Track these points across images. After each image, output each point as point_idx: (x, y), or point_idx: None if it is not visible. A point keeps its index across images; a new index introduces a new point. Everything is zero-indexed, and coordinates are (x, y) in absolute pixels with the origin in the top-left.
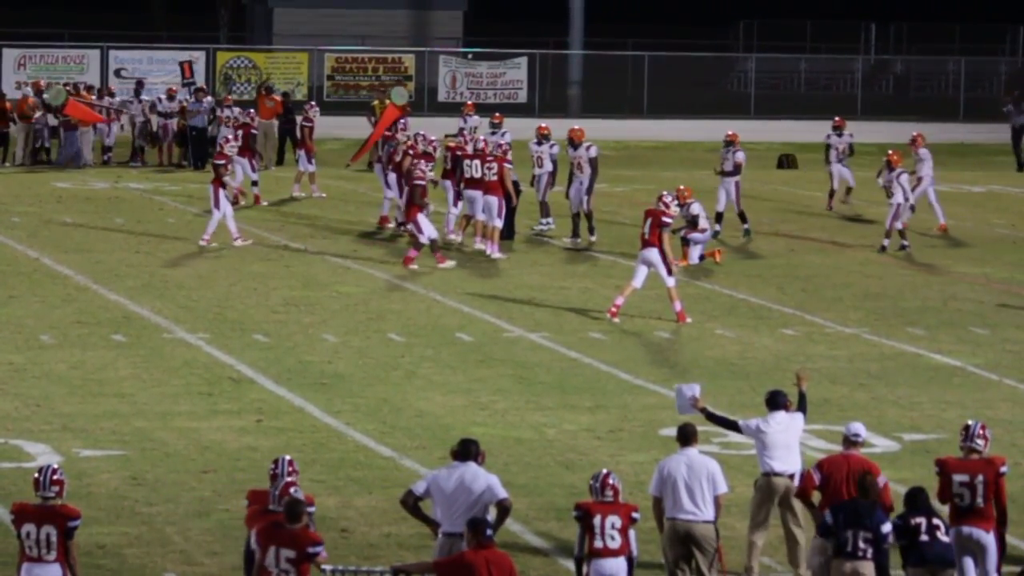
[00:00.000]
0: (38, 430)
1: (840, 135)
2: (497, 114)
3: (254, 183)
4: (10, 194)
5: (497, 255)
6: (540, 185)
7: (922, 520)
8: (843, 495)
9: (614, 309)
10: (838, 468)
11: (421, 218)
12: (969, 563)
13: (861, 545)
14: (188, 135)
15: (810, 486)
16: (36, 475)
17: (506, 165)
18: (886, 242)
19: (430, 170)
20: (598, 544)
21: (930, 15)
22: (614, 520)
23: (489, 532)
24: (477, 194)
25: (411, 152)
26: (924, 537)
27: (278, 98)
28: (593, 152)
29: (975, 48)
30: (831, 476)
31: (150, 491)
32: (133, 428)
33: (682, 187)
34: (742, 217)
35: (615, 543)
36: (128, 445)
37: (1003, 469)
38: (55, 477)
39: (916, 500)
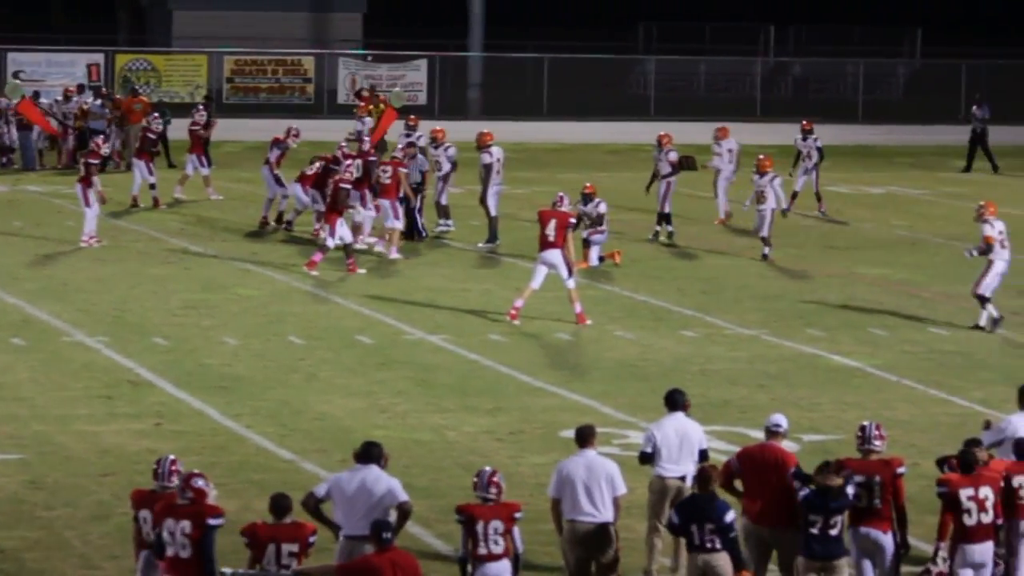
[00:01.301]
0: None
1: (805, 139)
2: (412, 116)
3: (152, 185)
4: None
5: (395, 255)
6: (437, 187)
7: (819, 519)
8: (756, 484)
9: (514, 311)
10: (753, 457)
11: (339, 222)
12: (867, 564)
13: (707, 537)
14: (88, 138)
15: (727, 474)
16: None
17: (401, 169)
18: (767, 250)
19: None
20: (482, 550)
21: (829, 17)
22: (496, 525)
23: (387, 535)
24: (358, 194)
25: (324, 159)
26: (814, 531)
27: (145, 100)
28: (487, 159)
29: (874, 50)
30: (746, 465)
31: (49, 495)
32: (32, 432)
33: (588, 184)
34: (664, 218)
35: (498, 547)
36: (27, 449)
37: (900, 470)
38: None
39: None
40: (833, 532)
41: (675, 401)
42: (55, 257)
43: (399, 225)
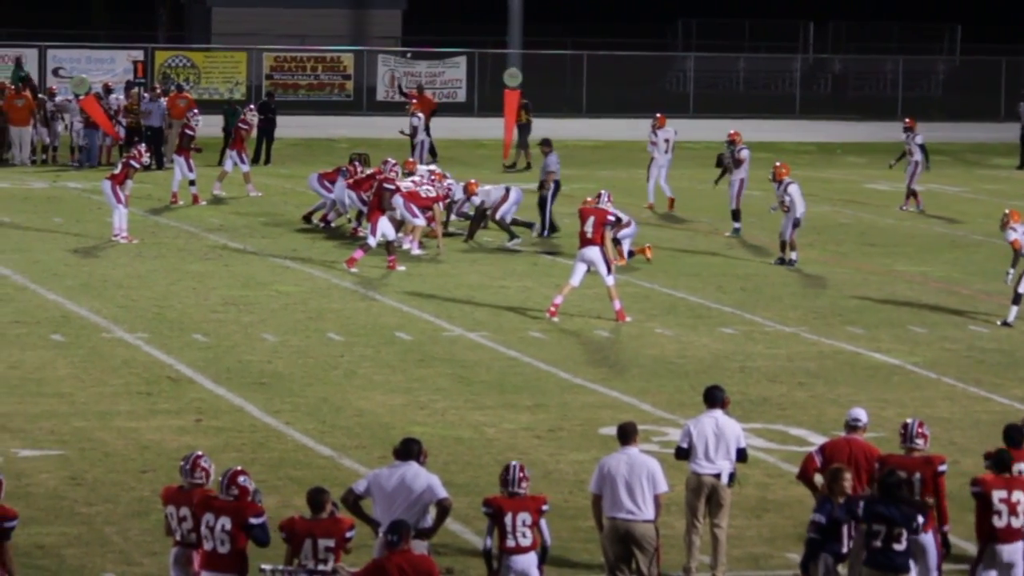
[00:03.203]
0: None
1: (907, 136)
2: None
3: (192, 182)
4: None
5: (417, 252)
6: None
7: (882, 528)
8: None
9: (553, 308)
10: (840, 451)
11: (382, 220)
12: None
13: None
14: (144, 134)
15: (811, 468)
16: None
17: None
18: (782, 254)
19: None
20: (510, 543)
21: (868, 14)
22: (524, 517)
23: (395, 538)
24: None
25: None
26: (877, 543)
27: (190, 96)
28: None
29: (913, 47)
30: (832, 459)
31: (89, 491)
32: (72, 428)
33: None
34: (735, 215)
35: (526, 540)
36: (67, 445)
37: (941, 468)
38: None
39: (890, 494)
40: (898, 546)
41: (714, 398)
42: (95, 253)
43: (420, 221)
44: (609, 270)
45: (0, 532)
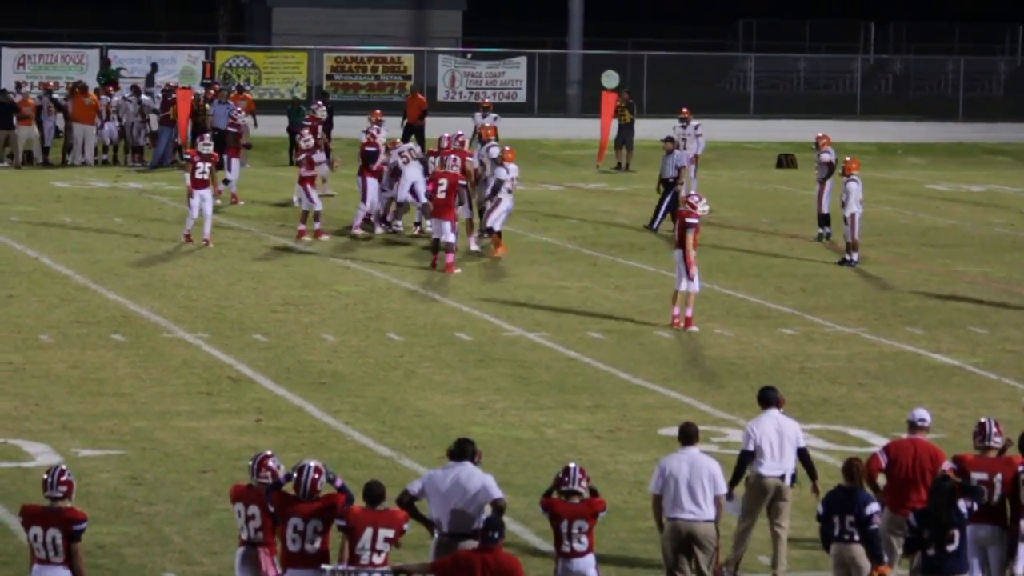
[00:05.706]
0: (37, 430)
1: None
2: (378, 111)
3: (226, 181)
4: (9, 194)
5: (474, 247)
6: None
7: (933, 534)
8: (909, 479)
9: (676, 320)
10: (904, 452)
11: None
12: (980, 562)
13: (847, 529)
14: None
15: (876, 468)
16: (45, 476)
17: (468, 158)
18: (855, 256)
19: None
20: (565, 548)
21: (929, 15)
22: (581, 524)
23: (495, 535)
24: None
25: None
26: (931, 551)
27: (251, 96)
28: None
29: (974, 48)
30: (897, 459)
31: (149, 491)
32: (132, 428)
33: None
34: (824, 219)
35: (582, 545)
36: (127, 445)
37: (1022, 468)
38: (63, 478)
39: (946, 499)
40: (951, 547)
41: (768, 398)
42: (155, 254)
43: (467, 214)
44: (687, 274)
45: (70, 534)
